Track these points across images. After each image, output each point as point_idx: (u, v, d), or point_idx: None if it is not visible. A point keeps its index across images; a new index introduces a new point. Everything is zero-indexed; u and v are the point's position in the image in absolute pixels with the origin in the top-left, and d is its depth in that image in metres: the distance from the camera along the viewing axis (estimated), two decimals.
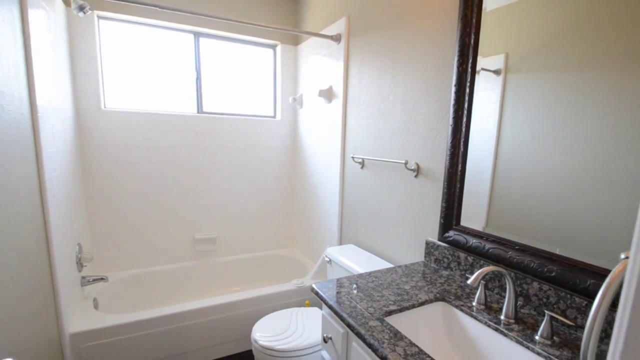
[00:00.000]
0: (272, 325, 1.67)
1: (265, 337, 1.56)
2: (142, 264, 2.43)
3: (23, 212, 1.27)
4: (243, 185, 2.69)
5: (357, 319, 0.99)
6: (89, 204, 2.23)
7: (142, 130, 2.31)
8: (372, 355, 0.95)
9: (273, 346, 1.49)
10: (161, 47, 2.41)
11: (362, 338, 0.93)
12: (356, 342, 1.03)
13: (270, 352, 1.49)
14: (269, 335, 1.58)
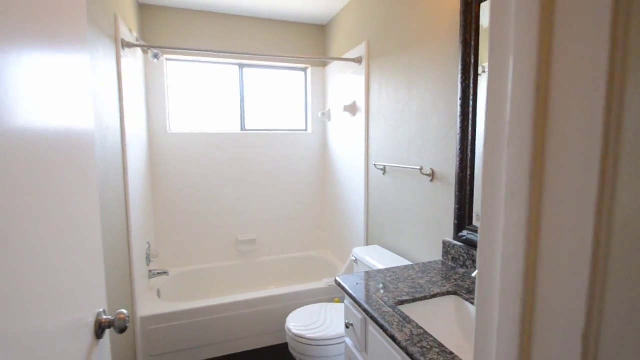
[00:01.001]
0: (304, 317, 1.90)
1: (297, 326, 1.79)
2: (195, 261, 2.80)
3: (115, 215, 1.64)
4: (280, 192, 2.99)
5: (372, 306, 1.18)
6: (156, 209, 2.65)
7: (197, 147, 2.71)
8: (384, 336, 1.11)
9: (304, 334, 1.72)
10: (213, 77, 2.82)
11: (375, 321, 1.11)
12: (372, 327, 1.19)
13: (301, 340, 1.71)
14: (301, 325, 1.81)
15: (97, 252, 0.83)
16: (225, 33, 2.75)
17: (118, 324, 0.77)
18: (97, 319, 0.77)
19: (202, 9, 2.65)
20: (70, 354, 0.66)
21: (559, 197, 0.32)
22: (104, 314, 0.80)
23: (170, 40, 2.61)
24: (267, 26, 2.85)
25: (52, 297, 0.59)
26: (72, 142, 0.70)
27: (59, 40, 0.66)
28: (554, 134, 0.33)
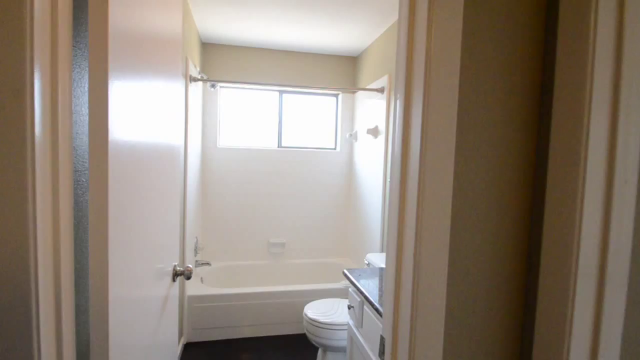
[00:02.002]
0: (319, 306, 2.23)
1: (313, 312, 2.13)
2: (233, 257, 3.25)
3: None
4: (308, 202, 3.39)
5: (368, 291, 1.52)
6: (204, 210, 3.15)
7: (240, 160, 3.20)
8: (373, 312, 1.46)
9: (318, 319, 2.05)
10: (257, 101, 3.33)
11: (369, 301, 1.45)
12: (366, 307, 1.54)
13: (315, 323, 2.05)
14: (317, 312, 2.14)
15: (176, 226, 1.26)
16: (269, 64, 3.26)
17: (187, 273, 1.19)
18: (173, 268, 1.19)
19: (250, 45, 3.18)
20: (160, 287, 1.08)
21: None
22: (178, 266, 1.22)
23: (224, 70, 3.16)
24: (305, 58, 3.33)
25: (154, 251, 1.02)
26: (171, 153, 1.14)
27: (170, 74, 1.12)
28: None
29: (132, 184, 0.81)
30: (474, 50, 0.65)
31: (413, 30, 0.67)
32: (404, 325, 0.69)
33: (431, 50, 0.63)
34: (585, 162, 0.61)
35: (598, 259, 0.62)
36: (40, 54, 0.56)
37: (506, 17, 0.67)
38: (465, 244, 0.69)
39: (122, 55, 0.73)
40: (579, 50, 0.63)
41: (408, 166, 0.69)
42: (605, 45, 0.59)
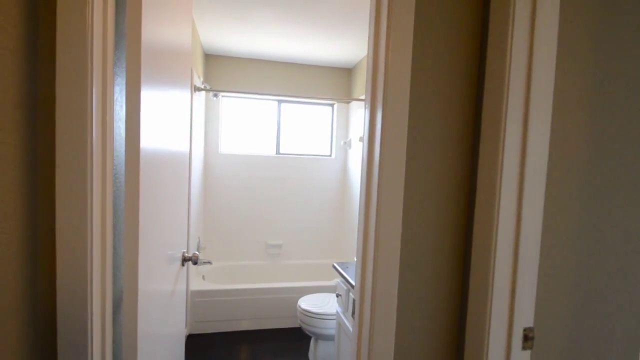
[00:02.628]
0: (312, 299, 2.40)
1: (306, 304, 2.30)
2: (233, 257, 3.43)
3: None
4: (305, 206, 3.57)
5: (352, 277, 1.70)
6: (206, 212, 3.34)
7: (240, 165, 3.40)
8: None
9: (310, 309, 2.23)
10: (256, 109, 3.54)
11: (351, 285, 1.63)
12: (352, 293, 1.72)
13: (307, 314, 2.22)
14: (309, 303, 2.31)
15: (185, 218, 1.45)
16: (268, 75, 3.47)
17: (193, 259, 1.37)
18: (182, 254, 1.38)
19: (251, 57, 3.40)
20: (172, 269, 1.27)
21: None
22: (186, 253, 1.40)
23: (226, 80, 3.38)
24: (302, 69, 3.55)
25: (167, 240, 1.20)
26: (180, 157, 1.34)
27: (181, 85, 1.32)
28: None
29: (154, 184, 1.01)
30: (420, 75, 0.85)
31: (377, 55, 0.87)
32: (368, 289, 0.88)
33: (388, 72, 0.83)
34: (502, 157, 0.80)
35: (514, 232, 0.81)
36: (96, 74, 0.75)
37: (446, 46, 0.87)
38: (414, 222, 0.88)
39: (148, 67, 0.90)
40: (499, 77, 0.84)
41: (372, 168, 0.88)
42: (518, 83, 0.80)
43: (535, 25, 0.78)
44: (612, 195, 0.92)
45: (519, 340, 0.83)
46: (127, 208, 0.86)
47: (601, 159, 0.91)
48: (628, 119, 0.93)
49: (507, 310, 0.83)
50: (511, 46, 0.79)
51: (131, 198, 0.85)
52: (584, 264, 0.92)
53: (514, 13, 0.77)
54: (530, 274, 0.82)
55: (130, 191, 0.85)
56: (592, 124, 0.90)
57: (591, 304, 0.94)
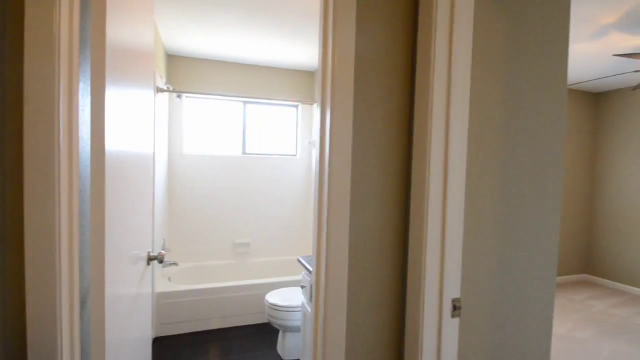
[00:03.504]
0: (279, 293, 2.49)
1: (273, 298, 2.39)
2: (200, 258, 3.43)
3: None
4: (271, 204, 3.65)
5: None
6: (171, 214, 3.32)
7: (205, 166, 3.41)
8: None
9: (277, 303, 2.31)
10: (221, 110, 3.56)
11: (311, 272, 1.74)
12: (314, 283, 1.83)
13: (274, 307, 2.31)
14: (276, 298, 2.40)
15: (149, 219, 1.49)
16: (234, 76, 3.51)
17: (159, 258, 1.42)
18: (148, 254, 1.42)
19: (216, 58, 3.43)
20: (137, 269, 1.31)
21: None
22: (151, 252, 1.45)
23: (190, 81, 3.37)
24: (267, 72, 3.61)
25: (133, 239, 1.25)
26: (144, 158, 1.38)
27: (144, 85, 1.36)
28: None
29: (120, 185, 1.05)
30: (362, 78, 0.97)
31: (325, 58, 0.98)
32: (322, 276, 0.99)
33: (335, 73, 0.94)
34: (429, 154, 0.94)
35: (440, 219, 0.95)
36: (63, 78, 0.80)
37: (386, 55, 0.99)
38: (361, 213, 0.99)
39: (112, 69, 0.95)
40: (425, 87, 0.98)
41: (324, 164, 0.99)
42: (440, 90, 0.94)
43: (452, 41, 0.92)
44: (522, 182, 1.10)
45: (449, 310, 0.98)
46: (94, 210, 0.91)
47: (512, 151, 1.08)
48: (533, 118, 1.11)
49: (438, 283, 0.97)
50: (434, 64, 0.93)
51: (97, 200, 0.90)
52: (503, 241, 1.09)
53: (435, 36, 0.91)
54: (456, 252, 0.97)
55: (96, 193, 0.90)
56: (505, 124, 1.07)
57: (510, 275, 1.11)
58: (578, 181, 4.51)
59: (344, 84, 0.95)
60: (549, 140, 1.14)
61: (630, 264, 4.11)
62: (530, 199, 1.11)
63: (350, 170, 0.97)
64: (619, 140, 4.27)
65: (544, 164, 1.13)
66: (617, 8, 2.25)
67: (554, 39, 1.13)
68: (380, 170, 1.02)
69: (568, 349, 2.74)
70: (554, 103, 1.14)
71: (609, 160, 4.36)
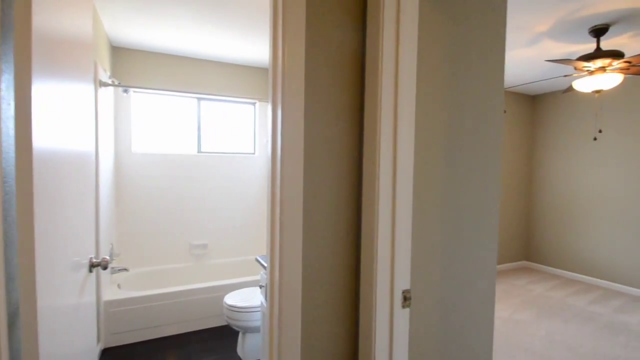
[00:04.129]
0: (237, 294, 2.44)
1: (232, 300, 2.33)
2: (154, 262, 3.26)
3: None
4: (230, 204, 3.56)
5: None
6: (120, 216, 3.11)
7: (158, 165, 3.24)
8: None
9: (236, 304, 2.27)
10: (174, 106, 3.40)
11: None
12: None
13: (233, 309, 2.26)
14: (235, 299, 2.35)
15: (92, 222, 1.39)
16: (187, 72, 3.37)
17: (103, 264, 1.33)
18: (90, 260, 1.32)
19: (167, 52, 3.26)
20: (79, 276, 1.22)
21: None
22: (94, 258, 1.35)
23: (140, 75, 3.19)
24: (223, 67, 3.51)
25: (73, 243, 1.16)
26: (84, 157, 1.28)
27: (81, 78, 1.26)
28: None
29: (52, 186, 0.97)
30: (313, 76, 0.97)
31: (276, 54, 0.97)
32: (276, 273, 0.98)
33: (286, 71, 0.94)
34: (379, 151, 0.96)
35: (390, 215, 0.98)
36: None
37: (337, 52, 1.00)
38: (315, 209, 1.00)
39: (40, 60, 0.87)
40: (373, 88, 1.00)
41: (276, 162, 0.99)
42: (388, 89, 0.96)
43: (399, 40, 0.96)
44: (465, 178, 1.17)
45: (399, 301, 1.01)
46: (20, 214, 0.83)
47: (455, 149, 1.15)
48: (474, 117, 1.18)
49: (389, 276, 1.00)
50: (382, 63, 0.96)
51: (24, 203, 0.82)
52: (449, 234, 1.15)
53: (382, 36, 0.94)
54: (405, 246, 1.01)
55: (23, 195, 0.82)
56: (449, 122, 1.13)
57: (455, 265, 1.17)
58: (517, 176, 4.89)
59: (294, 81, 0.95)
60: (488, 139, 1.22)
61: (564, 251, 4.54)
62: (472, 194, 1.19)
63: (302, 167, 0.97)
64: (552, 138, 4.69)
65: (484, 161, 1.21)
66: (549, 17, 2.47)
67: (493, 43, 1.21)
68: (333, 167, 1.03)
69: (511, 330, 2.97)
70: (492, 103, 1.22)
71: (544, 156, 4.78)
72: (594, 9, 2.32)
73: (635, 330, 2.98)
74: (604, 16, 2.43)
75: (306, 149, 0.99)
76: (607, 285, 4.08)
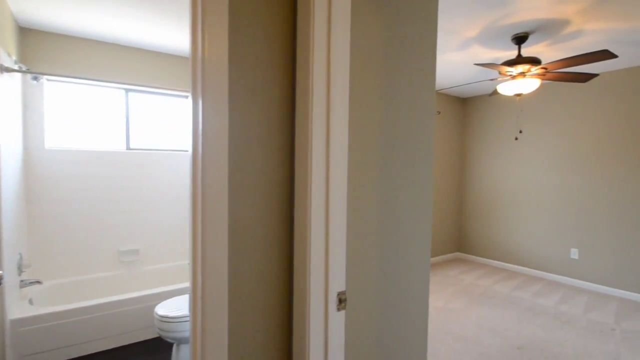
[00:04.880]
0: (170, 303, 2.25)
1: (164, 310, 2.15)
2: (75, 272, 2.91)
3: None
4: (164, 205, 3.31)
5: None
6: (31, 222, 2.72)
7: (79, 164, 2.89)
8: None
9: (168, 314, 2.09)
10: (98, 98, 3.06)
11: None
12: None
13: (165, 319, 2.09)
14: (167, 309, 2.17)
15: None
16: (112, 60, 3.05)
17: None
18: None
19: (88, 37, 2.92)
20: None
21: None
22: None
23: (54, 61, 2.81)
24: (153, 57, 3.24)
25: None
26: None
27: None
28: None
29: None
30: (238, 65, 0.89)
31: (195, 41, 0.88)
32: (198, 280, 0.89)
33: (206, 59, 0.85)
34: (311, 147, 0.92)
35: (324, 215, 0.95)
36: None
37: (264, 39, 0.93)
38: (242, 210, 0.93)
39: None
40: (305, 84, 0.95)
41: (197, 159, 0.89)
42: (320, 93, 0.92)
43: (330, 43, 0.92)
44: (398, 176, 1.18)
45: (334, 303, 0.98)
46: None
47: (390, 147, 1.15)
48: (407, 116, 1.19)
49: (323, 277, 0.97)
50: (313, 52, 0.92)
51: None
52: (384, 233, 1.15)
53: (314, 25, 0.90)
54: (340, 246, 0.98)
55: None
56: (383, 121, 1.12)
57: (391, 263, 1.18)
58: (450, 174, 5.23)
59: (217, 71, 0.86)
60: (421, 138, 1.24)
61: (491, 241, 4.96)
62: (407, 191, 1.20)
63: (227, 163, 0.89)
64: (480, 138, 5.09)
65: (418, 159, 1.23)
66: (477, 23, 2.64)
67: (425, 43, 1.23)
68: (264, 163, 0.96)
69: (445, 318, 3.16)
70: (425, 103, 1.25)
71: (473, 155, 5.17)
72: (515, 17, 2.52)
73: (552, 312, 3.34)
74: (524, 25, 2.66)
75: (231, 144, 0.91)
76: (528, 272, 4.53)
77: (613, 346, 2.67)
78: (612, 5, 2.33)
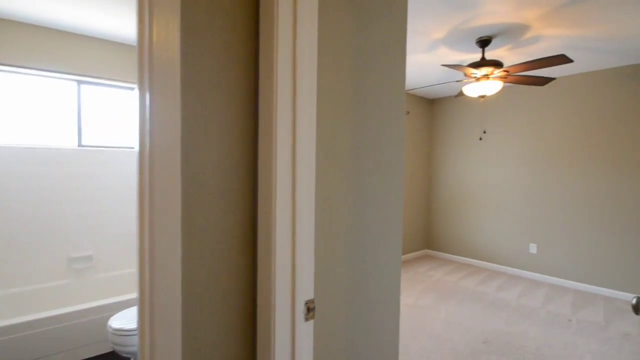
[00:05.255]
0: (126, 315, 2.08)
1: (118, 322, 1.98)
2: (17, 283, 2.62)
3: None
4: (120, 206, 3.08)
5: None
6: None
7: (22, 162, 2.61)
8: None
9: (123, 327, 1.92)
10: (46, 90, 2.78)
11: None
12: None
13: (120, 333, 1.91)
14: (122, 321, 1.99)
15: None
16: (60, 49, 2.78)
17: None
18: None
19: (30, 21, 2.64)
20: None
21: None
22: None
23: None
24: (107, 46, 2.99)
25: None
26: None
27: None
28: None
29: None
30: (192, 54, 0.79)
31: (142, 24, 0.77)
32: (146, 292, 0.79)
33: (155, 46, 0.75)
34: (275, 145, 0.84)
35: (290, 220, 0.87)
36: None
37: (223, 25, 0.84)
38: (197, 214, 0.83)
39: None
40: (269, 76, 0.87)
41: (144, 159, 0.79)
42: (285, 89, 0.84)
43: (296, 35, 0.84)
44: (369, 177, 1.13)
45: (302, 313, 0.91)
46: None
47: (360, 148, 1.09)
48: (380, 114, 1.14)
49: (290, 285, 0.89)
50: (277, 41, 0.84)
51: None
52: (354, 234, 1.09)
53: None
54: (308, 251, 0.91)
55: None
56: (355, 121, 1.06)
57: (361, 265, 1.12)
58: (419, 173, 5.33)
59: (167, 61, 0.76)
60: (391, 137, 1.20)
61: (458, 238, 5.10)
62: (377, 192, 1.15)
63: (179, 161, 0.79)
64: (446, 138, 5.22)
65: (388, 159, 1.18)
66: (444, 25, 2.66)
67: (394, 43, 1.19)
68: (220, 162, 0.87)
69: (416, 315, 3.18)
70: (395, 103, 1.20)
71: (440, 154, 5.30)
72: (480, 20, 2.57)
73: (513, 306, 3.46)
74: (488, 28, 2.72)
75: (185, 141, 0.81)
76: (491, 267, 4.70)
77: (571, 336, 2.81)
78: (569, 14, 2.43)
